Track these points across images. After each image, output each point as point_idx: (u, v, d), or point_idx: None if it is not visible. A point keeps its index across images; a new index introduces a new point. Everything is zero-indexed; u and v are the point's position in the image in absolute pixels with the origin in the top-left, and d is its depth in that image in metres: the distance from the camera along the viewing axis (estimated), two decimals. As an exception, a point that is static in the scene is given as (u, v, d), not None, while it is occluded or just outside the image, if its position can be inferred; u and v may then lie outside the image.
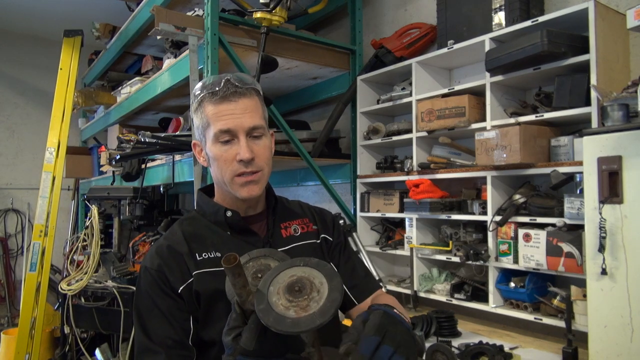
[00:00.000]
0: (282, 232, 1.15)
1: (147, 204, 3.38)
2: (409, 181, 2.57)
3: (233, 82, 1.04)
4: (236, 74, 1.08)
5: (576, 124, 2.12)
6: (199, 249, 1.06)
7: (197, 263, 1.04)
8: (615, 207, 1.57)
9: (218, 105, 1.03)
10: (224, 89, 1.03)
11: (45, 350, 3.68)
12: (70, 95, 3.91)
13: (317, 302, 0.79)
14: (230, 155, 1.04)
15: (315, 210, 1.27)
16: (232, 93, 1.03)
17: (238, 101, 1.03)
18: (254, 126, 1.04)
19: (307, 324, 0.77)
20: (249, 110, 1.04)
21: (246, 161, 1.03)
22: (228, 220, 1.09)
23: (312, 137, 3.06)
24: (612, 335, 1.56)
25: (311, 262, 0.87)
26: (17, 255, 5.04)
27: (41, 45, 5.14)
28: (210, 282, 1.01)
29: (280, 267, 0.87)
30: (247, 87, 1.05)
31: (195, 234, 1.09)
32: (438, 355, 1.84)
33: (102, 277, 2.93)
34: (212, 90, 1.04)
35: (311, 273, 0.84)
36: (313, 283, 0.82)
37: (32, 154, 5.08)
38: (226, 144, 1.04)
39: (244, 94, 1.04)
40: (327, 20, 3.65)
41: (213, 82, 1.05)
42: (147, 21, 3.19)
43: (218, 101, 1.03)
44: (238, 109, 1.03)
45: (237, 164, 1.04)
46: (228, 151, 1.04)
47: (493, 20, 2.36)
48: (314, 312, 0.78)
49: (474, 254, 2.24)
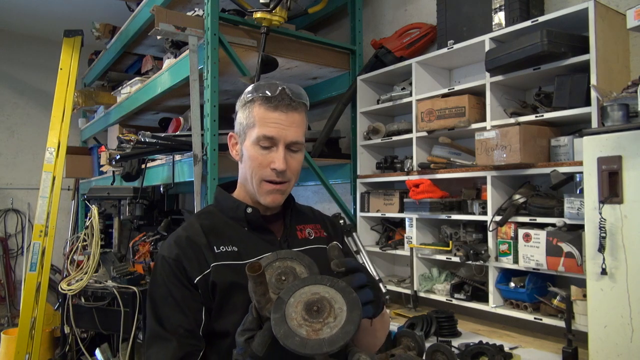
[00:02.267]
0: (298, 234, 1.18)
1: (147, 204, 3.37)
2: (409, 181, 2.57)
3: (287, 93, 1.08)
4: (291, 85, 1.11)
5: (576, 124, 2.12)
6: (217, 242, 1.08)
7: (215, 255, 1.06)
8: (615, 207, 1.57)
9: (269, 112, 1.07)
10: (278, 97, 1.07)
11: (45, 350, 3.68)
12: (70, 95, 3.92)
13: (330, 329, 0.78)
14: (266, 161, 1.07)
15: (326, 218, 1.31)
16: (285, 105, 1.07)
17: (288, 113, 1.07)
18: (296, 141, 1.08)
19: (313, 349, 0.76)
20: (295, 124, 1.08)
21: (279, 171, 1.07)
22: (248, 216, 1.12)
23: (312, 137, 3.06)
24: (612, 335, 1.56)
25: (338, 284, 0.85)
26: (17, 255, 5.04)
27: (41, 45, 5.14)
28: (228, 275, 1.04)
29: (307, 281, 0.86)
30: (299, 101, 1.09)
31: (213, 228, 1.11)
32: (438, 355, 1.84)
33: (102, 277, 2.93)
34: (266, 96, 1.07)
35: (334, 296, 0.83)
36: (333, 307, 0.81)
37: (32, 154, 5.08)
38: (265, 149, 1.07)
39: (295, 108, 1.08)
40: (327, 20, 3.65)
41: (268, 86, 1.09)
42: (147, 21, 3.19)
43: (270, 108, 1.07)
44: (287, 121, 1.07)
45: (270, 171, 1.07)
46: (265, 156, 1.07)
47: (493, 20, 2.36)
48: (323, 338, 0.77)
49: (474, 254, 2.24)
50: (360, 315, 0.80)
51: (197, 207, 2.48)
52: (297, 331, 0.78)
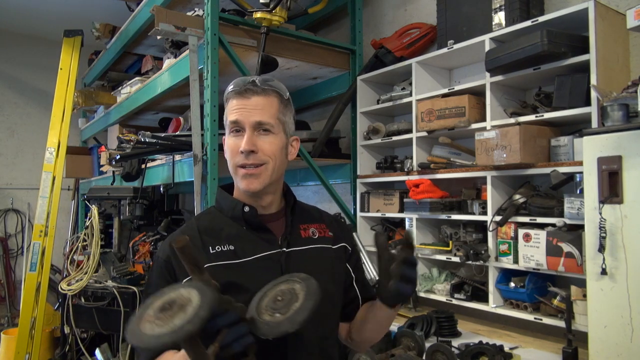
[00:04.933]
0: (301, 233, 1.18)
1: (147, 204, 3.38)
2: (409, 181, 2.57)
3: (255, 82, 1.10)
4: (266, 76, 1.14)
5: (576, 124, 2.12)
6: (212, 242, 1.09)
7: (209, 256, 1.07)
8: (615, 207, 1.57)
9: (234, 100, 1.10)
10: (244, 86, 1.10)
11: (45, 350, 3.68)
12: (70, 95, 3.92)
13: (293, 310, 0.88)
14: (236, 146, 1.09)
15: (333, 218, 1.31)
16: (246, 90, 1.09)
17: (251, 98, 1.09)
18: (260, 121, 1.08)
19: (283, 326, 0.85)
20: (259, 107, 1.09)
21: (245, 152, 1.07)
22: (245, 215, 1.12)
23: (312, 137, 3.06)
24: (612, 335, 1.56)
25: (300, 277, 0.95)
26: (17, 255, 5.04)
27: (41, 45, 5.13)
28: (222, 274, 1.04)
29: (277, 281, 0.96)
30: (263, 87, 1.11)
31: (210, 228, 1.12)
32: (438, 355, 1.84)
33: (102, 277, 2.93)
34: (235, 88, 1.10)
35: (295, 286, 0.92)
36: (296, 295, 0.90)
37: (32, 154, 5.08)
38: (235, 135, 1.09)
39: (257, 93, 1.09)
40: (327, 20, 3.65)
41: (239, 81, 1.12)
42: (147, 21, 3.19)
43: (235, 96, 1.10)
44: (249, 105, 1.08)
45: (239, 155, 1.08)
46: (235, 142, 1.09)
47: (493, 20, 2.36)
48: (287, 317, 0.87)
49: (474, 254, 2.24)
50: (316, 298, 0.88)
51: (197, 207, 2.48)
52: (262, 318, 0.88)
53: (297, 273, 0.97)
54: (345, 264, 1.22)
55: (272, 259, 1.09)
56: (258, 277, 1.03)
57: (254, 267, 1.07)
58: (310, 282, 0.92)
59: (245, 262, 1.07)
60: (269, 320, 0.86)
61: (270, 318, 0.87)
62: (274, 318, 0.87)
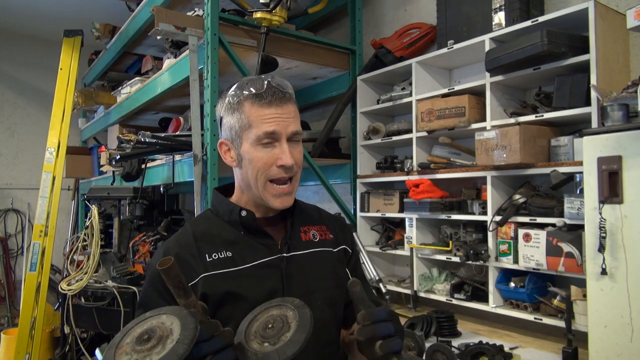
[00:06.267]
0: (301, 236, 1.14)
1: (147, 204, 3.37)
2: (409, 181, 2.57)
3: (274, 86, 1.05)
4: (275, 77, 1.08)
5: (576, 124, 2.12)
6: (209, 249, 1.05)
7: (205, 265, 1.03)
8: (615, 207, 1.57)
9: (264, 108, 1.03)
10: (268, 92, 1.03)
11: (45, 350, 3.68)
12: (70, 95, 3.92)
13: (282, 341, 0.84)
14: (271, 159, 1.03)
15: (333, 219, 1.26)
16: (278, 98, 1.03)
17: (283, 106, 1.04)
18: (297, 131, 1.05)
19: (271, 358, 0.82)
20: (292, 115, 1.05)
21: (288, 166, 1.03)
22: (242, 220, 1.08)
23: (312, 137, 3.06)
24: (612, 335, 1.56)
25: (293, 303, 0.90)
26: (17, 255, 5.05)
27: (41, 45, 5.14)
28: (220, 284, 1.01)
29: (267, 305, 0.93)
30: (287, 92, 1.06)
31: (206, 234, 1.08)
32: (438, 355, 1.84)
33: (102, 277, 2.93)
34: (255, 93, 1.04)
35: (288, 313, 0.88)
36: (288, 323, 0.86)
37: (32, 154, 5.08)
38: (267, 147, 1.04)
39: (288, 99, 1.06)
40: (327, 20, 3.65)
41: (253, 83, 1.05)
42: (147, 21, 3.20)
43: (265, 104, 1.03)
44: (284, 114, 1.04)
45: (277, 169, 1.04)
46: (269, 154, 1.03)
47: (493, 20, 2.36)
48: (277, 349, 0.82)
49: (474, 254, 2.24)
50: (309, 331, 0.83)
51: (197, 207, 2.48)
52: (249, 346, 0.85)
53: (290, 298, 0.93)
54: (345, 267, 1.18)
55: (272, 265, 1.05)
56: (257, 285, 1.00)
57: (253, 274, 1.03)
58: (303, 310, 0.87)
59: (244, 269, 1.03)
60: (257, 350, 0.83)
61: (258, 347, 0.83)
62: (262, 348, 0.83)
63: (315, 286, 1.07)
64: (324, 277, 1.10)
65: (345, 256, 1.20)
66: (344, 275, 1.16)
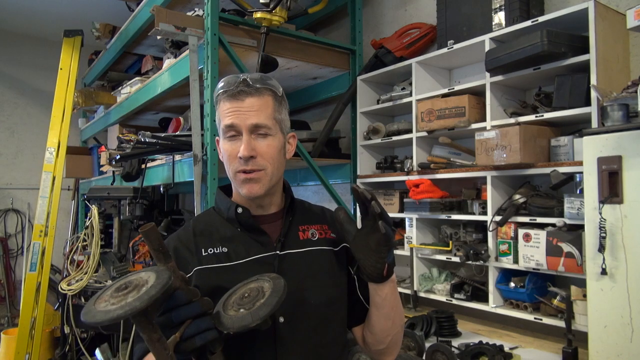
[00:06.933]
0: (299, 234, 1.14)
1: (147, 204, 3.37)
2: (409, 181, 2.57)
3: (247, 81, 1.06)
4: (256, 73, 1.10)
5: (576, 124, 2.12)
6: (205, 244, 1.07)
7: (200, 259, 1.05)
8: (615, 207, 1.57)
9: (227, 102, 1.06)
10: (235, 87, 1.06)
11: (45, 350, 3.68)
12: (70, 95, 3.92)
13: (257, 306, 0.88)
14: (234, 152, 1.05)
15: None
16: (239, 92, 1.05)
17: (245, 99, 1.05)
18: (257, 124, 1.05)
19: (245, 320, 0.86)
20: (255, 108, 1.05)
21: (244, 158, 1.04)
22: (238, 217, 1.10)
23: (312, 137, 3.06)
24: (612, 335, 1.56)
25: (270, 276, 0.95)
26: (17, 255, 5.04)
27: (41, 45, 5.14)
28: (212, 278, 1.02)
29: (247, 281, 0.97)
30: (257, 86, 1.07)
31: (205, 229, 1.11)
32: (438, 355, 1.84)
33: (102, 277, 2.93)
34: (226, 89, 1.07)
35: (265, 284, 0.93)
36: (263, 292, 0.90)
37: (32, 154, 5.08)
38: (232, 139, 1.06)
39: (251, 94, 1.06)
40: (327, 20, 3.65)
41: (229, 81, 1.08)
42: (147, 21, 3.19)
43: (228, 99, 1.06)
44: (244, 107, 1.05)
45: (238, 161, 1.05)
46: (232, 147, 1.06)
47: (493, 20, 2.36)
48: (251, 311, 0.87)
49: (474, 254, 2.24)
50: (281, 295, 0.88)
51: (197, 207, 2.48)
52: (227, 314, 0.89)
53: (268, 273, 0.96)
54: (347, 265, 1.18)
55: (265, 261, 1.06)
56: None
57: (245, 270, 1.04)
58: (278, 280, 0.92)
59: (237, 264, 1.05)
60: (232, 315, 0.87)
61: (234, 313, 0.87)
62: (237, 313, 0.87)
63: (310, 284, 1.07)
64: (320, 275, 1.10)
65: (347, 255, 1.19)
66: (344, 274, 1.16)
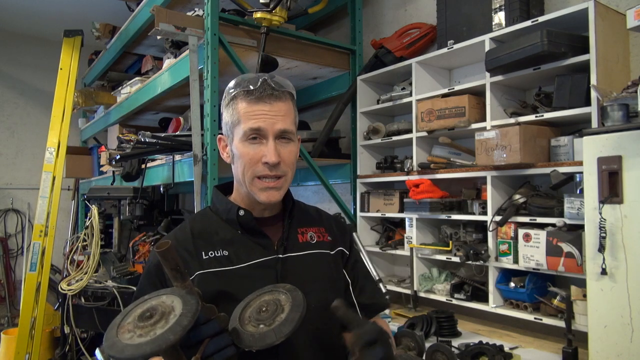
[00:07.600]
0: (298, 237, 1.13)
1: (147, 204, 3.37)
2: (409, 181, 2.57)
3: (270, 84, 1.04)
4: (274, 76, 1.07)
5: (576, 124, 2.12)
6: (205, 247, 1.05)
7: (201, 262, 1.03)
8: (615, 207, 1.57)
9: (252, 105, 1.03)
10: (260, 89, 1.03)
11: (45, 350, 3.68)
12: (70, 95, 3.92)
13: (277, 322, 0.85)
14: (257, 156, 1.03)
15: (333, 220, 1.25)
16: (268, 95, 1.02)
17: (273, 103, 1.03)
18: (285, 129, 1.03)
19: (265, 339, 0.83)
20: (282, 113, 1.04)
21: (272, 164, 1.02)
22: (240, 219, 1.07)
23: (312, 137, 3.06)
24: (612, 335, 1.56)
25: (285, 287, 0.93)
26: (17, 255, 5.04)
27: (41, 45, 5.14)
28: (214, 283, 1.01)
29: (261, 291, 0.95)
30: (282, 90, 1.05)
31: (204, 231, 1.08)
32: (438, 355, 1.84)
33: (102, 277, 2.93)
34: (247, 89, 1.03)
35: (281, 297, 0.90)
36: (281, 306, 0.88)
37: (32, 154, 5.08)
38: (254, 143, 1.03)
39: (279, 97, 1.04)
40: (327, 20, 3.65)
41: (249, 80, 1.05)
42: (147, 21, 3.19)
43: (253, 101, 1.03)
44: (272, 111, 1.02)
45: (262, 166, 1.03)
46: (255, 150, 1.03)
47: (493, 20, 2.36)
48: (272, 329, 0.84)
49: (474, 254, 2.24)
50: (302, 310, 0.85)
51: (197, 207, 2.48)
52: (245, 329, 0.86)
53: (282, 284, 0.94)
54: (342, 269, 1.17)
55: (266, 265, 1.05)
56: (251, 285, 1.00)
57: (247, 274, 1.03)
58: (296, 293, 0.88)
59: (239, 269, 1.03)
60: (253, 332, 0.83)
61: (254, 329, 0.84)
62: (258, 329, 0.83)
63: (310, 288, 1.05)
64: (320, 280, 1.09)
65: (342, 258, 1.19)
66: (340, 278, 1.15)
